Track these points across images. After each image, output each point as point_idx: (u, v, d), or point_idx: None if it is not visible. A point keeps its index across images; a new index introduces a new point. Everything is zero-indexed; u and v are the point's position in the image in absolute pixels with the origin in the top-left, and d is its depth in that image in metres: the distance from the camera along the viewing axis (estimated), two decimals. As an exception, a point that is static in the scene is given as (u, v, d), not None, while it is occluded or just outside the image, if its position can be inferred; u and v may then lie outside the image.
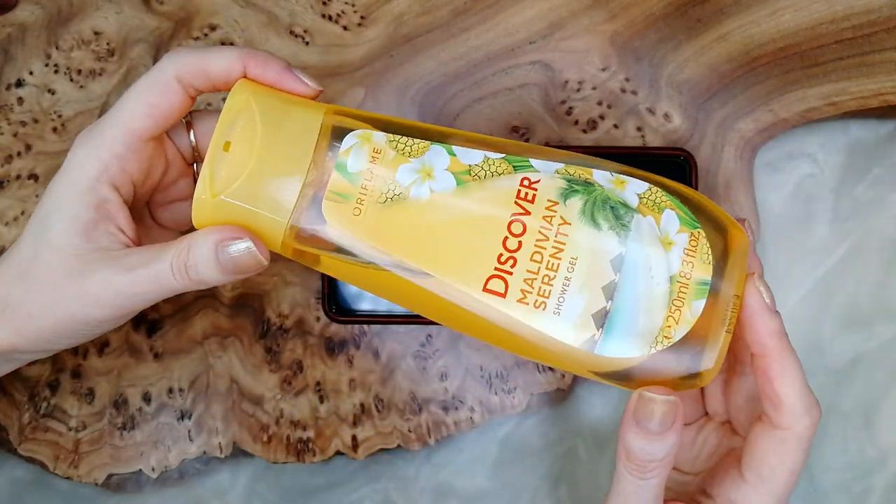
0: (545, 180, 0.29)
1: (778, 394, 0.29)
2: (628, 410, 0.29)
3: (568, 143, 0.42)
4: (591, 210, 0.28)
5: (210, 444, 0.43)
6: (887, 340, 0.44)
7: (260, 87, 0.30)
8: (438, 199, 0.28)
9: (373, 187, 0.28)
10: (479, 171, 0.29)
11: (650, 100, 0.43)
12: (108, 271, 0.30)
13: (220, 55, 0.30)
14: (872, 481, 0.44)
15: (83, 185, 0.30)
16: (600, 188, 0.29)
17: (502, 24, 0.43)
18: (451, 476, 0.44)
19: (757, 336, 0.29)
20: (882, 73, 0.42)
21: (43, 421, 0.43)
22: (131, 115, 0.30)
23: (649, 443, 0.29)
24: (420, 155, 0.28)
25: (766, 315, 0.29)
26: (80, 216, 0.30)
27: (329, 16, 0.43)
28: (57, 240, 0.30)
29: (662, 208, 0.29)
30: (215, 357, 0.43)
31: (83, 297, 0.30)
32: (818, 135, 0.45)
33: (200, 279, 0.29)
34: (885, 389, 0.44)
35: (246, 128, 0.28)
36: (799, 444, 0.30)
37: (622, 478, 0.30)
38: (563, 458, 0.44)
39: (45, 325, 0.31)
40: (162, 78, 0.30)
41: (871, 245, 0.44)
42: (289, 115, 0.29)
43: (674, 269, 0.28)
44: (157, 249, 0.30)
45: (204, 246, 0.29)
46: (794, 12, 0.42)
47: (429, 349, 0.43)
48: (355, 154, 0.28)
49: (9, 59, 0.43)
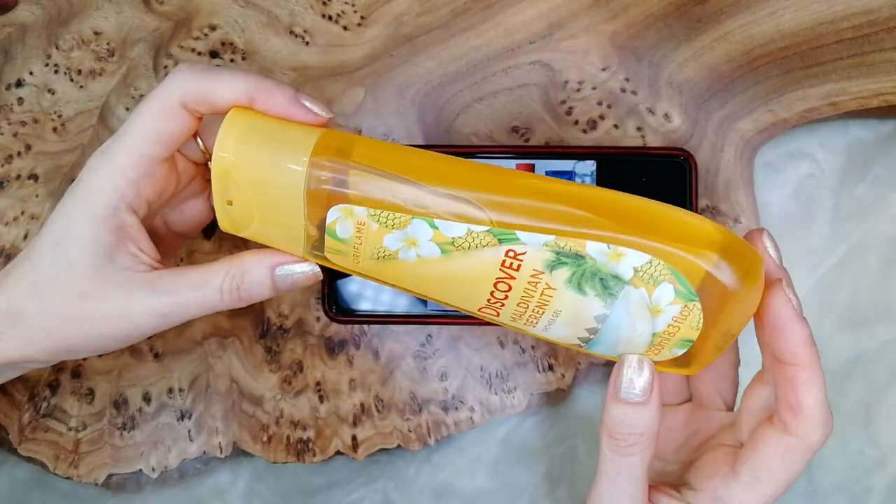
0: (532, 252, 0.28)
1: (801, 403, 0.29)
2: (609, 383, 0.30)
3: (568, 143, 0.42)
4: (577, 280, 0.28)
5: (210, 444, 0.43)
6: (887, 340, 0.44)
7: (244, 128, 0.29)
8: (426, 262, 0.29)
9: (364, 248, 0.29)
10: (463, 242, 0.29)
11: (650, 100, 0.43)
12: (148, 294, 0.31)
13: (227, 84, 0.30)
14: (872, 481, 0.44)
15: (103, 213, 0.31)
16: (591, 261, 0.28)
17: (502, 24, 0.43)
18: (451, 476, 0.44)
19: (788, 345, 0.29)
20: (882, 73, 0.42)
21: (43, 421, 0.43)
22: (141, 142, 0.31)
23: (629, 412, 0.29)
24: (403, 228, 0.29)
25: (796, 324, 0.29)
26: (101, 240, 0.31)
27: (329, 16, 0.43)
28: (79, 260, 0.31)
29: (659, 281, 0.28)
30: (215, 357, 0.43)
31: (119, 318, 0.31)
32: (818, 135, 0.45)
33: (251, 298, 0.31)
34: (885, 389, 0.44)
35: (240, 191, 0.29)
36: (806, 454, 0.30)
37: (603, 458, 0.31)
38: (563, 458, 0.44)
39: (66, 342, 0.32)
40: (167, 104, 0.30)
41: (871, 245, 0.44)
42: (276, 174, 0.29)
43: (658, 329, 0.29)
44: (200, 273, 0.31)
45: (260, 270, 0.31)
46: (794, 12, 0.42)
47: (429, 349, 0.43)
48: (341, 224, 0.29)
49: (9, 59, 0.43)
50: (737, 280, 0.28)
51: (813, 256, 0.44)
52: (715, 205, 0.42)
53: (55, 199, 0.43)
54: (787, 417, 0.29)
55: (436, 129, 0.43)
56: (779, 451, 0.30)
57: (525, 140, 0.43)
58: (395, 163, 0.29)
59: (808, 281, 0.44)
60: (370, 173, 0.28)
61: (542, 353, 0.43)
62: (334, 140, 0.29)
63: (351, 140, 0.29)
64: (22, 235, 0.43)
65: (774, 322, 0.29)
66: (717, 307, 0.28)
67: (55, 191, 0.43)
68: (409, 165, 0.29)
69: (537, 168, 0.41)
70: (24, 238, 0.43)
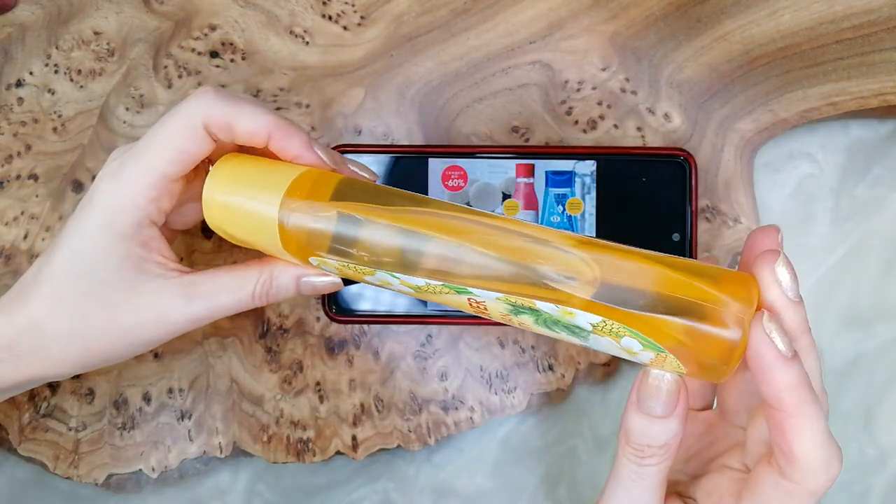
0: (489, 302, 0.29)
1: (793, 451, 0.26)
2: (633, 389, 0.29)
3: (568, 143, 0.42)
4: (544, 322, 0.28)
5: (210, 444, 0.43)
6: (887, 340, 0.44)
7: (235, 169, 0.32)
8: (404, 287, 0.31)
9: (350, 274, 0.32)
10: (426, 289, 0.30)
11: (650, 100, 0.43)
12: (183, 301, 0.32)
13: (250, 116, 0.31)
14: (872, 481, 0.44)
15: (128, 232, 0.32)
16: (548, 314, 0.28)
17: (502, 24, 0.43)
18: (451, 476, 0.44)
19: (770, 390, 0.26)
20: (882, 73, 0.42)
21: (43, 421, 0.43)
22: (162, 161, 0.31)
23: (649, 425, 0.28)
24: (372, 273, 0.31)
25: (778, 367, 0.25)
26: (131, 255, 0.32)
27: (329, 16, 0.43)
28: (111, 278, 0.32)
29: (621, 336, 0.27)
30: (215, 357, 0.43)
31: (160, 326, 0.32)
32: (818, 135, 0.45)
33: (277, 301, 0.34)
34: (885, 389, 0.44)
35: (228, 223, 0.32)
36: (809, 499, 0.27)
37: (620, 462, 0.29)
38: (563, 458, 0.44)
39: (107, 354, 0.33)
40: (191, 124, 0.31)
41: (871, 245, 0.44)
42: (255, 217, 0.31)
43: (642, 361, 0.28)
44: (234, 277, 0.33)
45: (287, 279, 0.33)
46: (794, 12, 0.42)
47: (429, 349, 0.43)
48: (324, 266, 0.32)
49: (9, 59, 0.43)
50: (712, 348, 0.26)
51: (813, 256, 0.44)
52: (715, 205, 0.42)
53: (55, 199, 0.43)
54: (782, 462, 0.27)
55: (436, 129, 0.43)
56: (777, 495, 0.27)
57: (525, 140, 0.43)
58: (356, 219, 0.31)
59: (808, 281, 0.44)
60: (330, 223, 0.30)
61: (542, 353, 0.43)
62: (304, 188, 0.31)
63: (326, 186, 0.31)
64: (22, 235, 0.43)
65: (753, 364, 0.26)
66: (699, 357, 0.26)
67: (55, 191, 0.43)
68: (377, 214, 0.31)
69: (537, 168, 0.41)
70: (24, 238, 0.43)
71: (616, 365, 0.44)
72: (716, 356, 0.26)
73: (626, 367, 0.44)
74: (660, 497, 0.29)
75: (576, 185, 0.40)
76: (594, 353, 0.43)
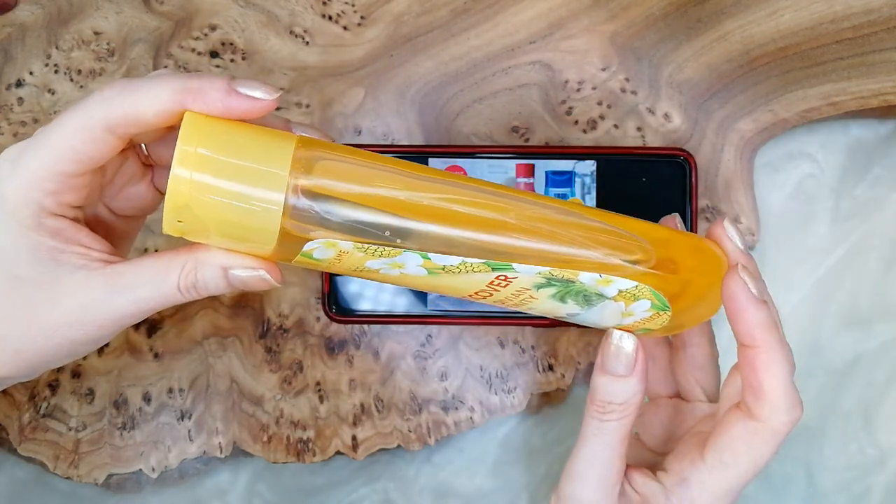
0: (522, 277, 0.29)
1: (762, 386, 0.29)
2: (599, 354, 0.31)
3: (568, 143, 0.42)
4: (561, 295, 0.30)
5: (210, 444, 0.43)
6: (887, 340, 0.44)
7: (208, 136, 0.26)
8: (407, 277, 0.28)
9: (341, 266, 0.28)
10: (455, 269, 0.28)
11: (650, 100, 0.43)
12: (106, 294, 0.29)
13: (150, 95, 0.27)
14: (872, 481, 0.44)
15: (29, 223, 0.28)
16: (581, 285, 0.29)
17: (502, 24, 0.43)
18: (451, 476, 0.44)
19: (744, 327, 0.29)
20: (882, 73, 0.42)
21: (43, 421, 0.43)
22: (57, 159, 0.28)
23: (612, 383, 0.31)
24: (391, 257, 0.27)
25: (751, 306, 0.29)
26: (41, 246, 0.29)
27: (329, 16, 0.43)
28: (27, 273, 0.29)
29: (639, 298, 0.30)
30: (215, 357, 0.43)
31: (84, 322, 0.29)
32: (818, 135, 0.45)
33: (209, 293, 0.30)
34: (885, 389, 0.44)
35: (195, 217, 0.26)
36: (772, 439, 0.30)
37: (585, 421, 0.32)
38: (563, 458, 0.44)
39: (40, 355, 0.30)
40: (89, 125, 0.27)
41: (871, 245, 0.44)
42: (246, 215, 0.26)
43: (623, 323, 0.31)
44: (156, 268, 0.29)
45: (212, 270, 0.29)
46: (794, 12, 0.42)
47: (429, 349, 0.43)
48: (321, 251, 0.27)
49: (9, 59, 0.43)
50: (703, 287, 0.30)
51: (813, 256, 0.44)
52: (715, 205, 0.42)
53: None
54: (751, 401, 0.30)
55: (436, 129, 0.43)
56: (743, 434, 0.30)
57: (525, 140, 0.43)
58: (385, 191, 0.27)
59: (808, 281, 0.44)
60: (360, 207, 0.27)
61: (542, 353, 0.43)
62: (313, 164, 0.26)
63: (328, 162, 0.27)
64: (22, 235, 0.43)
65: (730, 306, 0.29)
66: (685, 308, 0.30)
67: (55, 191, 0.43)
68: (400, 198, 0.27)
69: (537, 168, 0.41)
70: (24, 238, 0.43)
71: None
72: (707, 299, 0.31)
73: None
74: (618, 457, 0.32)
75: (576, 185, 0.40)
76: (594, 353, 0.43)
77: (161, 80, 0.27)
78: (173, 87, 0.27)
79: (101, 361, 0.43)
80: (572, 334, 0.43)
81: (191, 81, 0.27)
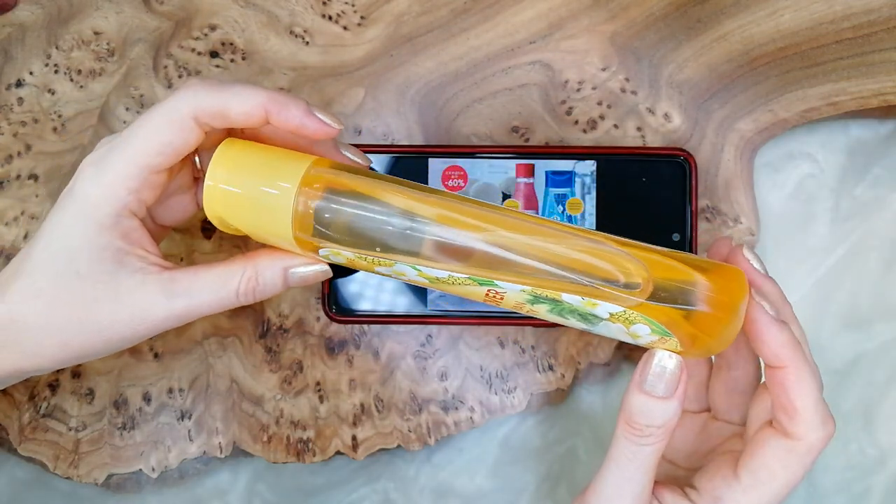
0: (510, 293, 0.30)
1: (794, 404, 0.29)
2: (637, 371, 0.30)
3: (568, 143, 0.42)
4: (558, 312, 0.30)
5: (210, 444, 0.43)
6: (887, 340, 0.44)
7: (233, 165, 0.30)
8: (418, 281, 0.31)
9: (358, 265, 0.31)
10: (446, 281, 0.30)
11: (650, 100, 0.43)
12: (164, 298, 0.31)
13: (241, 98, 0.30)
14: (872, 481, 0.44)
15: (106, 222, 0.31)
16: (568, 304, 0.29)
17: (502, 24, 0.43)
18: (451, 476, 0.44)
19: (769, 349, 0.30)
20: (882, 73, 0.42)
21: (43, 421, 0.43)
22: (145, 153, 0.30)
23: (651, 405, 0.30)
24: (390, 266, 0.30)
25: (773, 328, 0.29)
26: (110, 247, 0.31)
27: (329, 16, 0.43)
28: (90, 270, 0.31)
29: (635, 322, 0.29)
30: (215, 357, 0.43)
31: (137, 323, 0.31)
32: (818, 135, 0.45)
33: (265, 296, 0.32)
34: (885, 389, 0.44)
35: (231, 217, 0.31)
36: (807, 456, 0.30)
37: (618, 443, 0.31)
38: (563, 458, 0.44)
39: (84, 349, 0.32)
40: (178, 117, 0.30)
41: (871, 245, 0.44)
42: (265, 203, 0.30)
43: (641, 343, 0.30)
44: (217, 274, 0.32)
45: (274, 273, 0.32)
46: (793, 12, 0.42)
47: (429, 349, 0.43)
48: (333, 256, 0.31)
49: (9, 59, 0.43)
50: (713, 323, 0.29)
51: (813, 256, 0.44)
52: (715, 205, 0.42)
53: (55, 199, 0.43)
54: (784, 420, 0.30)
55: (436, 129, 0.43)
56: (778, 453, 0.30)
57: (525, 140, 0.43)
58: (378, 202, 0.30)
59: (808, 281, 0.44)
60: (357, 210, 0.30)
61: (542, 353, 0.43)
62: (321, 179, 0.30)
63: (336, 176, 0.30)
64: (22, 235, 0.43)
65: (751, 329, 0.30)
66: (699, 337, 0.29)
67: (55, 191, 0.43)
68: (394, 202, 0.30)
69: (537, 168, 0.41)
70: (24, 238, 0.43)
71: (616, 365, 0.44)
72: (718, 333, 0.29)
73: (625, 368, 0.44)
74: (650, 479, 0.31)
75: (576, 185, 0.40)
76: (594, 353, 0.43)
77: (252, 87, 0.31)
78: (262, 94, 0.30)
79: (100, 361, 0.43)
80: (572, 334, 0.43)
81: (278, 95, 0.30)
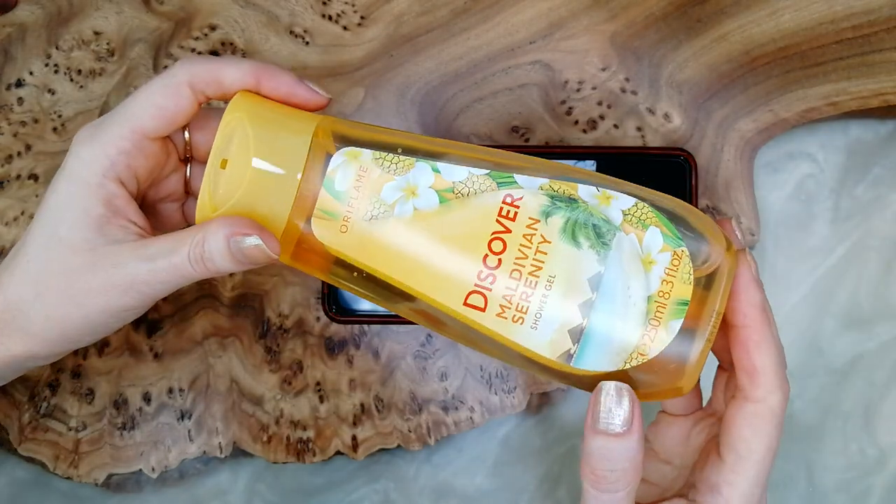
0: (528, 197, 0.29)
1: (755, 365, 0.29)
2: (588, 412, 0.29)
3: (568, 143, 0.42)
4: (572, 229, 0.29)
5: (210, 444, 0.43)
6: (887, 340, 0.44)
7: (256, 100, 0.31)
8: (422, 217, 0.29)
9: (358, 206, 0.29)
10: (463, 187, 0.29)
11: (650, 100, 0.43)
12: (132, 262, 0.30)
13: (234, 66, 0.31)
14: (872, 481, 0.44)
15: (92, 181, 0.30)
16: (584, 204, 0.29)
17: (502, 24, 0.43)
18: (451, 476, 0.44)
19: (741, 306, 0.30)
20: (882, 73, 0.42)
21: (43, 421, 0.43)
22: (138, 115, 0.31)
23: (609, 444, 0.28)
24: (405, 172, 0.29)
25: (752, 287, 0.30)
26: (91, 211, 0.30)
27: (329, 16, 0.43)
28: (69, 236, 0.30)
29: (647, 225, 0.29)
30: (215, 357, 0.43)
31: (108, 289, 0.30)
32: (818, 135, 0.45)
33: (217, 269, 0.30)
34: (885, 389, 0.44)
35: (240, 147, 0.29)
36: (773, 419, 0.30)
37: (586, 493, 0.29)
38: (563, 458, 0.44)
39: (69, 324, 0.31)
40: (173, 81, 0.30)
41: (871, 245, 0.44)
42: (281, 133, 0.30)
43: (652, 289, 0.29)
44: (173, 240, 0.30)
45: (217, 239, 0.29)
46: (794, 12, 0.42)
47: (429, 349, 0.43)
48: (342, 173, 0.29)
49: (9, 59, 0.43)
50: (712, 239, 0.29)
51: (813, 256, 0.44)
52: (715, 205, 0.42)
53: (55, 199, 0.43)
54: (746, 383, 0.30)
55: (436, 129, 0.43)
56: (746, 420, 0.30)
57: (525, 140, 0.43)
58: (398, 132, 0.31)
59: (808, 281, 0.44)
60: (376, 129, 0.30)
61: (542, 353, 0.43)
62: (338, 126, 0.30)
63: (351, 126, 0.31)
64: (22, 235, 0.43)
65: (735, 283, 0.30)
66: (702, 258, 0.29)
67: (55, 191, 0.43)
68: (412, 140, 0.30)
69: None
70: (24, 238, 0.43)
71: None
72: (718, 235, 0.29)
73: (626, 367, 0.44)
74: None
75: (576, 184, 0.40)
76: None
77: (243, 59, 0.32)
78: (253, 63, 0.31)
79: (101, 361, 0.43)
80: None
81: (268, 65, 0.31)
